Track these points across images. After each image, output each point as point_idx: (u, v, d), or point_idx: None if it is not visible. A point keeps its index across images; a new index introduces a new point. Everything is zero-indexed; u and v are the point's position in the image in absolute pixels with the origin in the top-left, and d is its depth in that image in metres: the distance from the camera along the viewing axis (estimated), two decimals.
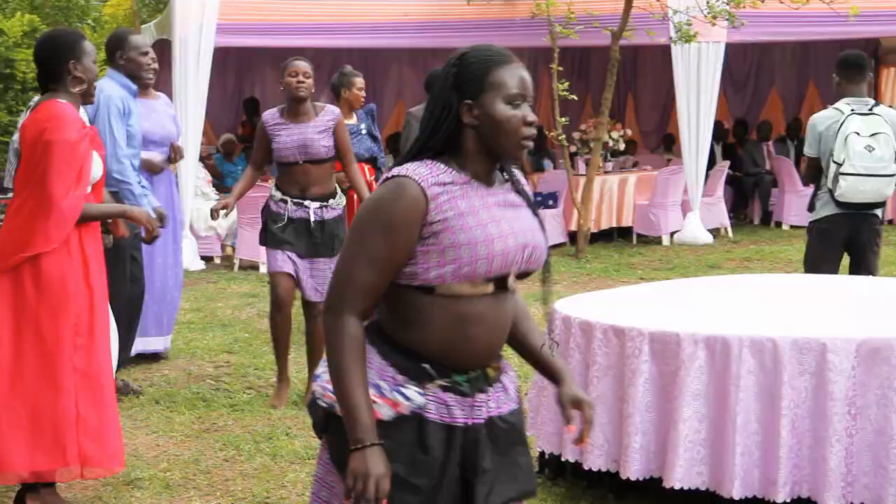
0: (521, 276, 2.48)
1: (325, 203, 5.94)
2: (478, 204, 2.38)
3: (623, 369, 4.28)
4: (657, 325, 4.27)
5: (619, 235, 13.00)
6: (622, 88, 16.15)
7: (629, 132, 13.93)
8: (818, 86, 16.30)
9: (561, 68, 11.59)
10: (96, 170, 4.31)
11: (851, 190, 5.93)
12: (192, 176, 11.37)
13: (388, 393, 2.36)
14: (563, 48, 12.00)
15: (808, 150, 6.26)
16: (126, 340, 6.21)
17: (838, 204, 6.03)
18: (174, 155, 6.70)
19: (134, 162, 6.05)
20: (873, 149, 5.91)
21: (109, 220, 4.63)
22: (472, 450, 2.40)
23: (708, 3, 11.45)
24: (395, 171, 2.37)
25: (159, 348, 7.02)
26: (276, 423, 5.65)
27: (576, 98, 11.79)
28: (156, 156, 6.54)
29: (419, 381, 2.37)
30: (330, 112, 6.01)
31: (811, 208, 6.33)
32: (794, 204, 13.50)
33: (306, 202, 5.90)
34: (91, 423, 4.25)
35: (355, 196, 7.10)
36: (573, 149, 12.65)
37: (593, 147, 12.03)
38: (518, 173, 2.53)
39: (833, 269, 6.24)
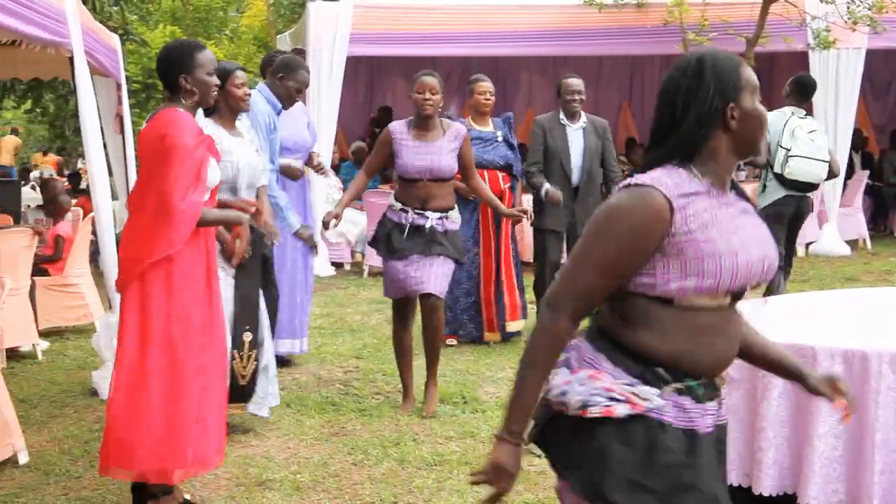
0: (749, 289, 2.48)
1: (444, 215, 5.97)
2: (720, 214, 2.35)
3: (756, 383, 4.18)
4: (792, 339, 4.16)
5: None
6: None
7: None
8: None
9: None
10: (213, 176, 4.42)
11: (798, 169, 7.39)
12: (323, 183, 11.55)
13: (625, 389, 2.33)
14: None
15: None
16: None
17: (787, 186, 7.47)
18: (316, 167, 6.86)
19: (272, 177, 6.18)
20: (813, 140, 7.45)
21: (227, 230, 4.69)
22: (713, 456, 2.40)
23: (848, 8, 11.14)
24: (639, 179, 2.34)
25: (295, 350, 7.13)
26: (403, 429, 5.69)
27: None
28: (293, 162, 6.68)
29: (655, 385, 2.34)
30: (457, 131, 6.02)
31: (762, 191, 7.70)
32: None
33: (427, 213, 5.94)
34: (207, 422, 4.36)
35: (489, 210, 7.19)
36: None
37: None
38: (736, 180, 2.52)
39: (779, 245, 7.58)
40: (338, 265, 11.97)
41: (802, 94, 7.78)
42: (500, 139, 7.58)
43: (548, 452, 2.47)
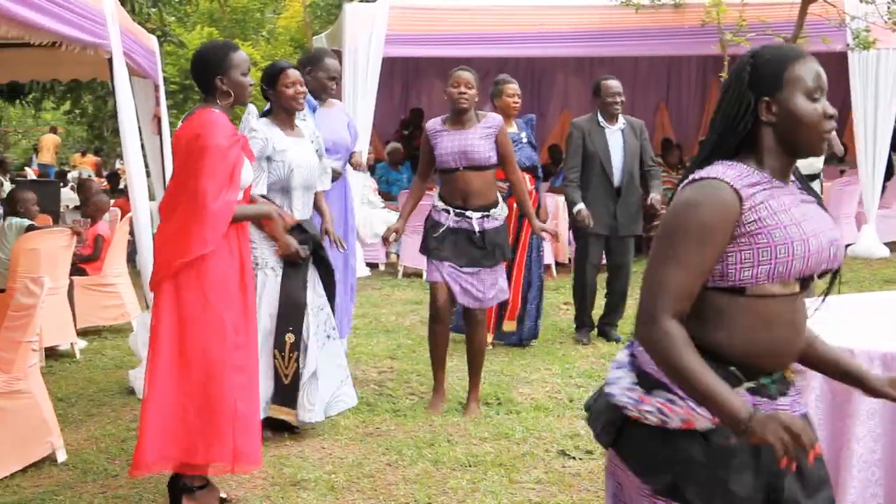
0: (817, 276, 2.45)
1: (486, 213, 5.96)
2: (786, 201, 2.35)
3: None
4: (830, 341, 4.12)
5: None
6: None
7: None
8: None
9: None
10: (246, 176, 4.45)
11: None
12: (359, 184, 11.56)
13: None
14: (734, 56, 11.74)
15: None
16: None
17: None
18: (354, 164, 6.86)
19: None
20: None
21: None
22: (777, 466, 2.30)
23: (889, 8, 11.03)
24: (702, 173, 2.34)
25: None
26: (437, 430, 5.69)
27: None
28: (332, 162, 6.70)
29: (730, 385, 2.29)
30: (492, 119, 6.03)
31: None
32: None
33: (468, 213, 5.93)
34: (244, 419, 4.40)
35: (515, 204, 7.13)
36: None
37: None
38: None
39: None
40: (373, 266, 12.00)
41: None
42: (524, 140, 7.57)
43: (623, 454, 2.43)
